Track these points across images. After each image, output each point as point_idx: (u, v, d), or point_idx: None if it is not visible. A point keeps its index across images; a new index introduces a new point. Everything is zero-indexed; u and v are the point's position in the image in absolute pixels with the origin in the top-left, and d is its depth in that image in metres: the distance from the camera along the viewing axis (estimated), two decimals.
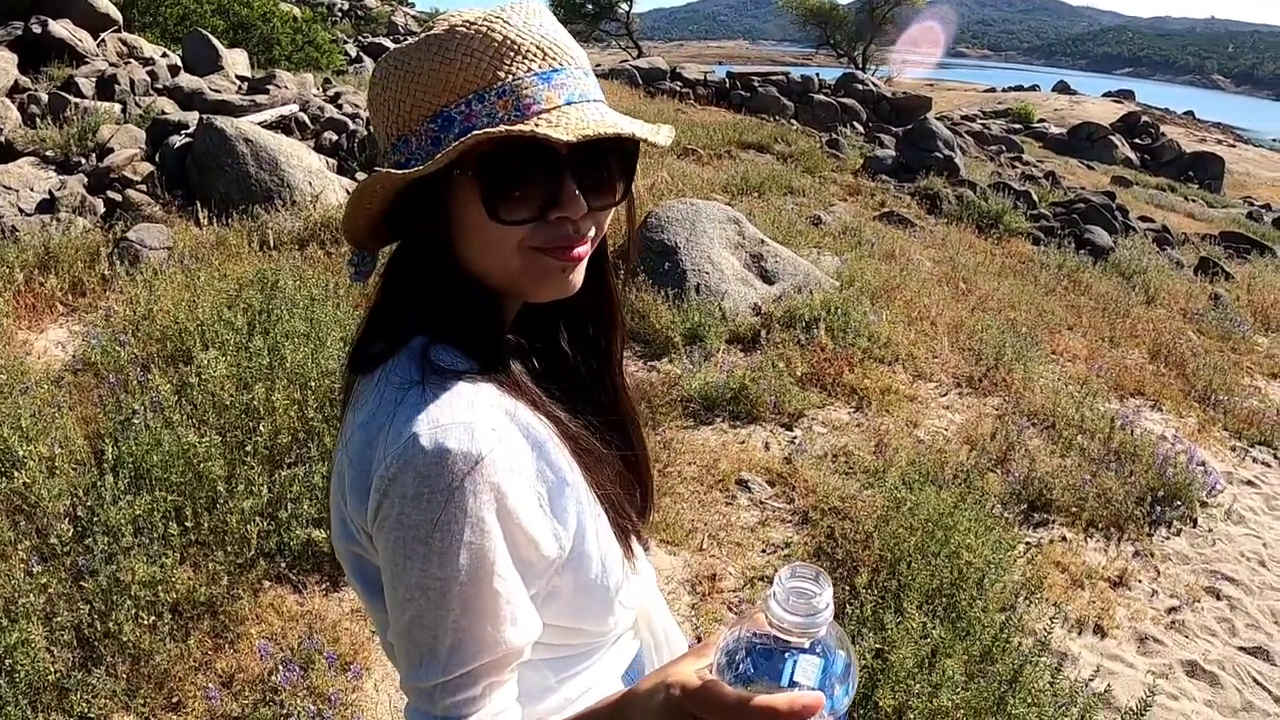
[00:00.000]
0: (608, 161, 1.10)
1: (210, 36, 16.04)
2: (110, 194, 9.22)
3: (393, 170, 1.05)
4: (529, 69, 1.04)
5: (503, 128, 0.99)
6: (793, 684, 0.77)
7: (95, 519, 4.12)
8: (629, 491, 1.28)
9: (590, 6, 56.65)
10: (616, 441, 1.28)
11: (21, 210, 8.85)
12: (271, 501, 4.31)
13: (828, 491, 5.10)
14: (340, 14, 55.87)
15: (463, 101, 1.03)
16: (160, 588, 3.83)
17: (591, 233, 1.13)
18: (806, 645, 0.78)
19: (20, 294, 7.06)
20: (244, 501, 4.21)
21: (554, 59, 1.06)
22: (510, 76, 1.03)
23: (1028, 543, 5.15)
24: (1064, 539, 5.28)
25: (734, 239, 8.11)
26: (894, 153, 17.61)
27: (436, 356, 1.07)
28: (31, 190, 9.36)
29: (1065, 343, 8.68)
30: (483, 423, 1.00)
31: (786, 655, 0.77)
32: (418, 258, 1.14)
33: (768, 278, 7.86)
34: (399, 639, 1.02)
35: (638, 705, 0.90)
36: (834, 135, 19.94)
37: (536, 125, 1.00)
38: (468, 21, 1.05)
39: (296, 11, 35.26)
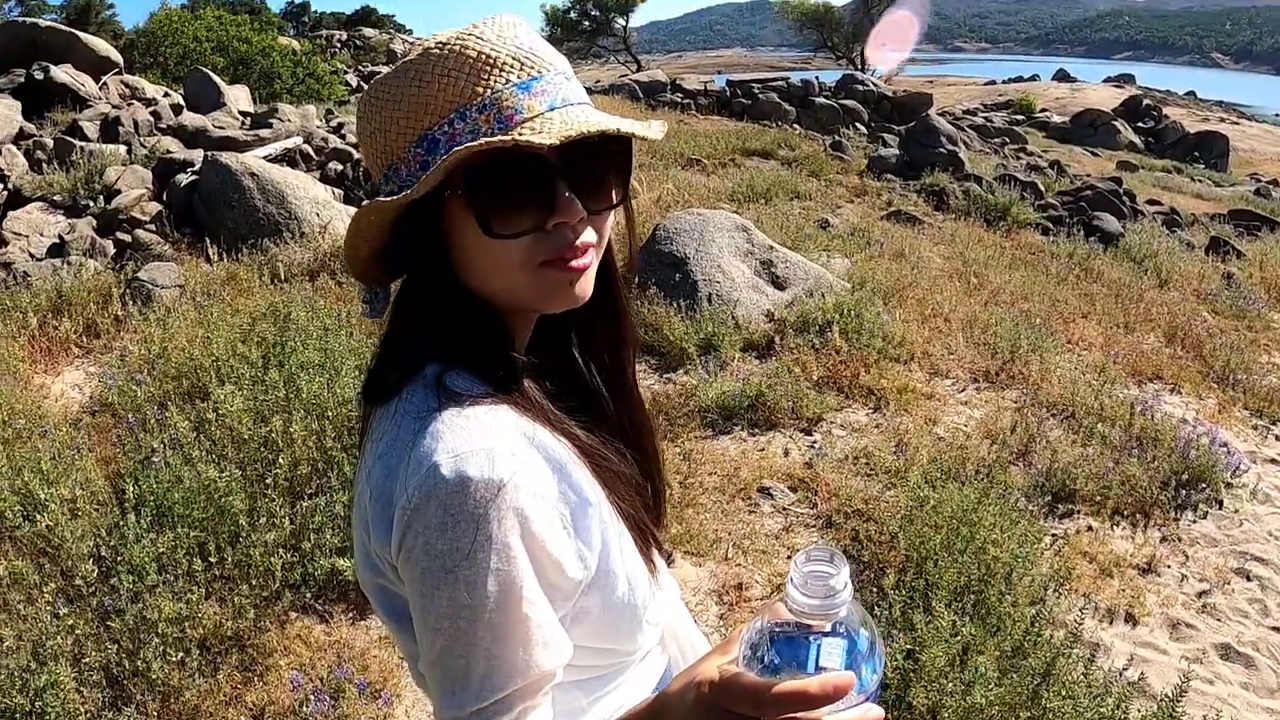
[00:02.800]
0: (600, 163, 1.09)
1: (211, 74, 16.15)
2: (120, 235, 9.27)
3: (381, 199, 1.04)
4: (507, 80, 1.03)
5: (483, 140, 0.97)
6: (819, 669, 0.77)
7: (119, 558, 4.13)
8: (647, 505, 1.27)
9: (586, 23, 56.78)
10: (633, 455, 1.26)
11: (32, 255, 8.90)
12: (294, 533, 4.31)
13: (850, 494, 5.07)
14: (339, 45, 56.24)
15: (445, 122, 1.02)
16: (187, 624, 3.84)
17: (593, 239, 1.11)
18: (828, 628, 0.78)
19: (35, 338, 7.09)
20: (266, 534, 4.22)
21: (532, 67, 1.05)
22: (489, 90, 1.02)
23: (1054, 535, 5.11)
24: (1090, 529, 5.24)
25: (743, 247, 8.10)
26: (898, 151, 17.58)
27: (451, 383, 1.06)
28: (41, 235, 9.41)
29: (1080, 331, 8.63)
30: (503, 448, 0.99)
31: (810, 640, 0.78)
32: (423, 286, 1.13)
33: (779, 283, 7.84)
34: (431, 669, 1.01)
35: (670, 707, 0.91)
36: (837, 138, 19.91)
37: (520, 134, 0.98)
38: (441, 43, 1.05)
39: (295, 45, 35.49)
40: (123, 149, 11.38)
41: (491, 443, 0.99)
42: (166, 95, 14.79)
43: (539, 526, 0.99)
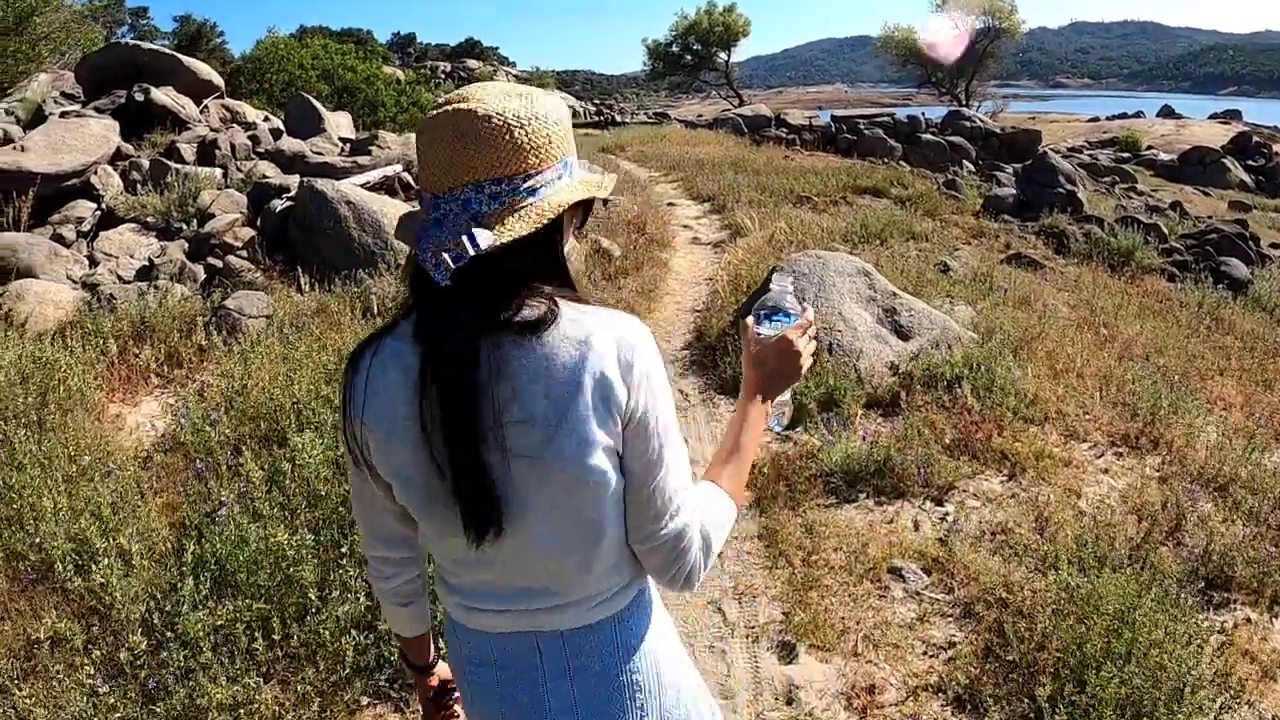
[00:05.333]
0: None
1: (313, 100, 16.05)
2: (211, 260, 9.00)
3: (590, 178, 1.53)
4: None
5: (604, 191, 1.54)
6: (787, 315, 1.80)
7: (174, 627, 3.69)
8: None
9: (689, 58, 56.94)
10: None
11: (120, 278, 8.66)
12: (370, 608, 3.80)
13: (991, 579, 4.45)
14: (444, 75, 57.01)
15: (567, 156, 1.47)
16: (242, 711, 3.37)
17: None
18: (774, 309, 1.80)
19: (114, 366, 6.78)
20: (339, 608, 3.74)
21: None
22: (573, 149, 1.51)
23: (1211, 628, 4.42)
24: (1248, 620, 4.54)
25: (865, 292, 7.51)
26: (1014, 191, 16.86)
27: (569, 302, 1.45)
28: (131, 257, 9.20)
29: (1218, 389, 7.90)
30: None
31: (766, 314, 1.80)
32: (547, 252, 1.50)
33: (903, 333, 7.24)
34: (664, 474, 1.47)
35: (759, 374, 1.78)
36: (951, 175, 19.25)
37: (600, 189, 1.53)
38: (560, 101, 1.51)
39: (400, 74, 35.92)
40: (218, 172, 11.20)
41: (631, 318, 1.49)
42: (267, 120, 14.72)
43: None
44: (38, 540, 4.36)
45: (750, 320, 1.79)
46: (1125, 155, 37.08)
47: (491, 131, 1.36)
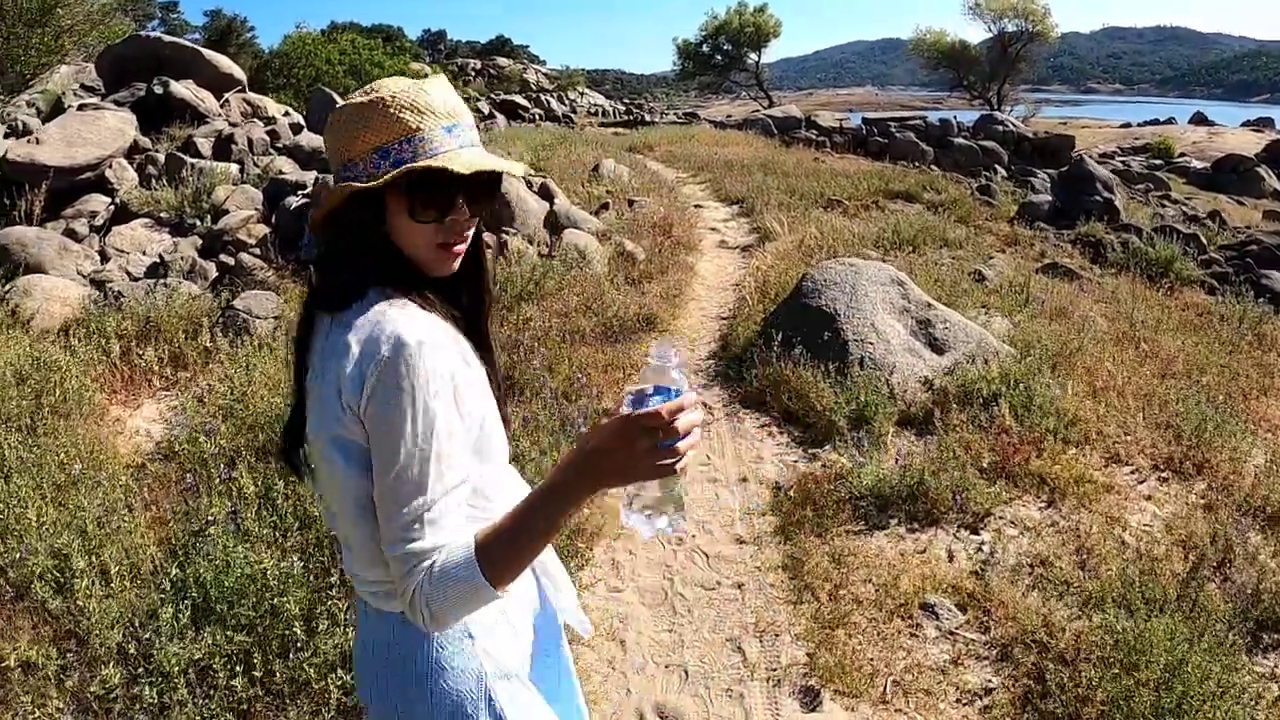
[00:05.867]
0: (483, 185, 1.64)
1: (334, 95, 15.80)
2: (223, 257, 8.78)
3: (355, 184, 1.56)
4: (438, 124, 1.58)
5: (423, 162, 1.53)
6: (669, 394, 1.45)
7: (150, 658, 3.43)
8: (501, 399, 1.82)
9: (719, 58, 56.72)
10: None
11: (130, 274, 8.46)
12: None
13: (1030, 620, 4.14)
14: (473, 73, 56.94)
15: (395, 142, 1.55)
16: None
17: (469, 232, 1.68)
18: (652, 391, 1.45)
19: (116, 367, 6.55)
20: (326, 642, 3.46)
21: (454, 118, 1.61)
22: (426, 128, 1.57)
23: (1262, 674, 4.09)
24: None
25: (898, 303, 7.19)
26: (1049, 197, 16.46)
27: (391, 294, 1.57)
28: (143, 253, 9.00)
29: (1262, 409, 7.52)
30: (427, 329, 1.51)
31: (647, 399, 1.44)
32: (362, 239, 1.60)
33: (937, 346, 6.91)
34: (387, 485, 1.47)
35: (579, 453, 1.46)
36: (984, 181, 18.88)
37: (446, 162, 1.53)
38: (397, 91, 1.58)
39: (429, 71, 35.74)
40: (235, 168, 10.98)
41: (420, 325, 1.51)
42: (287, 114, 14.52)
43: (459, 379, 1.54)
44: (18, 556, 4.13)
45: (625, 406, 1.48)
46: (1158, 162, 36.36)
47: (331, 122, 1.64)
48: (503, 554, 1.46)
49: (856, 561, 4.60)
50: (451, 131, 1.59)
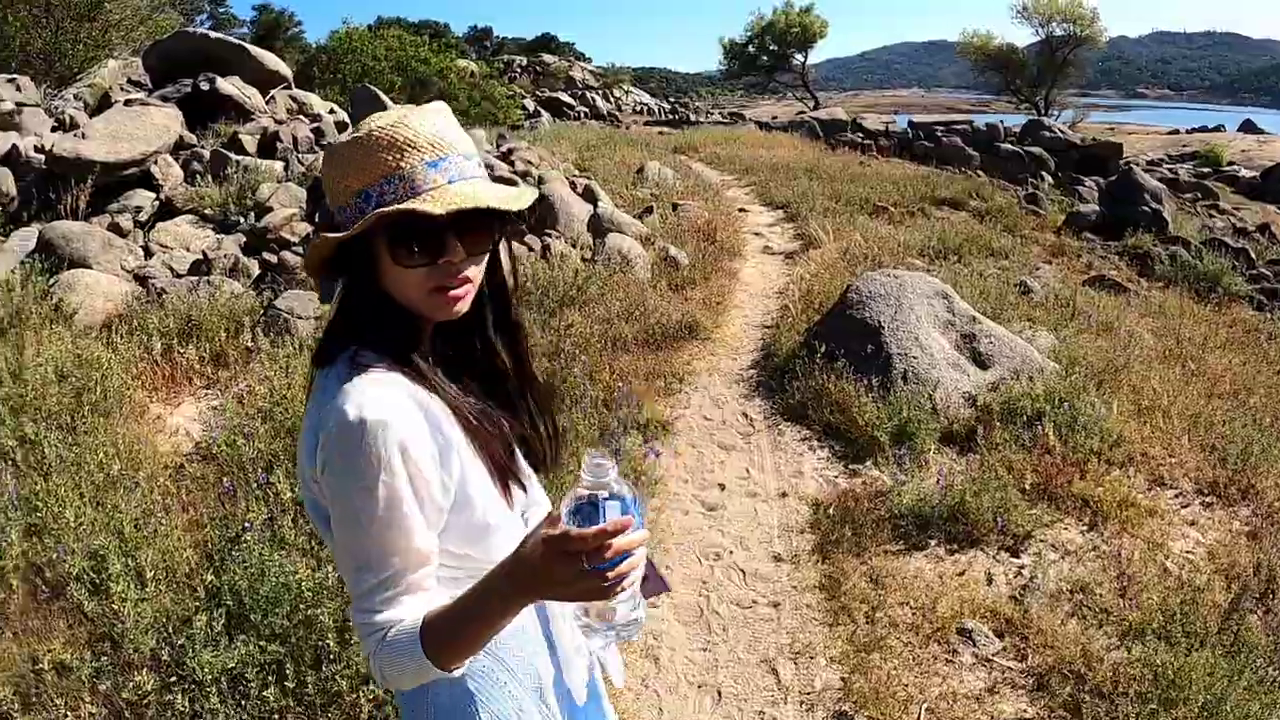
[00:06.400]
0: (479, 222, 1.53)
1: (378, 92, 15.88)
2: (266, 255, 8.80)
3: (328, 235, 1.50)
4: (421, 159, 1.49)
5: (395, 206, 1.45)
6: (607, 518, 1.29)
7: (183, 665, 3.43)
8: (510, 452, 1.70)
9: (765, 58, 56.62)
10: (502, 418, 1.70)
11: (173, 270, 8.49)
12: None
13: (1068, 649, 4.06)
14: (519, 70, 57.08)
15: (377, 184, 1.48)
16: None
17: (474, 274, 1.58)
18: (607, 495, 1.31)
19: (158, 365, 6.57)
20: (358, 654, 3.45)
21: (439, 150, 1.51)
22: (408, 165, 1.48)
23: None
24: None
25: (943, 317, 7.11)
26: (1097, 207, 16.25)
27: (362, 358, 1.51)
28: (187, 250, 9.04)
29: None
30: (389, 400, 1.44)
31: (596, 505, 1.30)
32: (354, 290, 1.58)
33: (981, 361, 6.82)
34: (342, 555, 1.47)
35: (521, 559, 1.35)
36: (1031, 189, 18.68)
37: (424, 202, 1.45)
38: (380, 127, 1.50)
39: (474, 67, 35.87)
40: (279, 165, 11.03)
41: (381, 397, 1.44)
42: (332, 112, 14.59)
43: (415, 455, 1.44)
44: (55, 556, 4.15)
45: (564, 512, 1.34)
46: (1205, 170, 35.82)
47: (322, 163, 1.69)
48: (444, 641, 1.41)
49: (894, 583, 4.54)
50: (438, 166, 1.50)
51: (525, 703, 1.68)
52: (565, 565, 1.29)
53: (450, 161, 1.51)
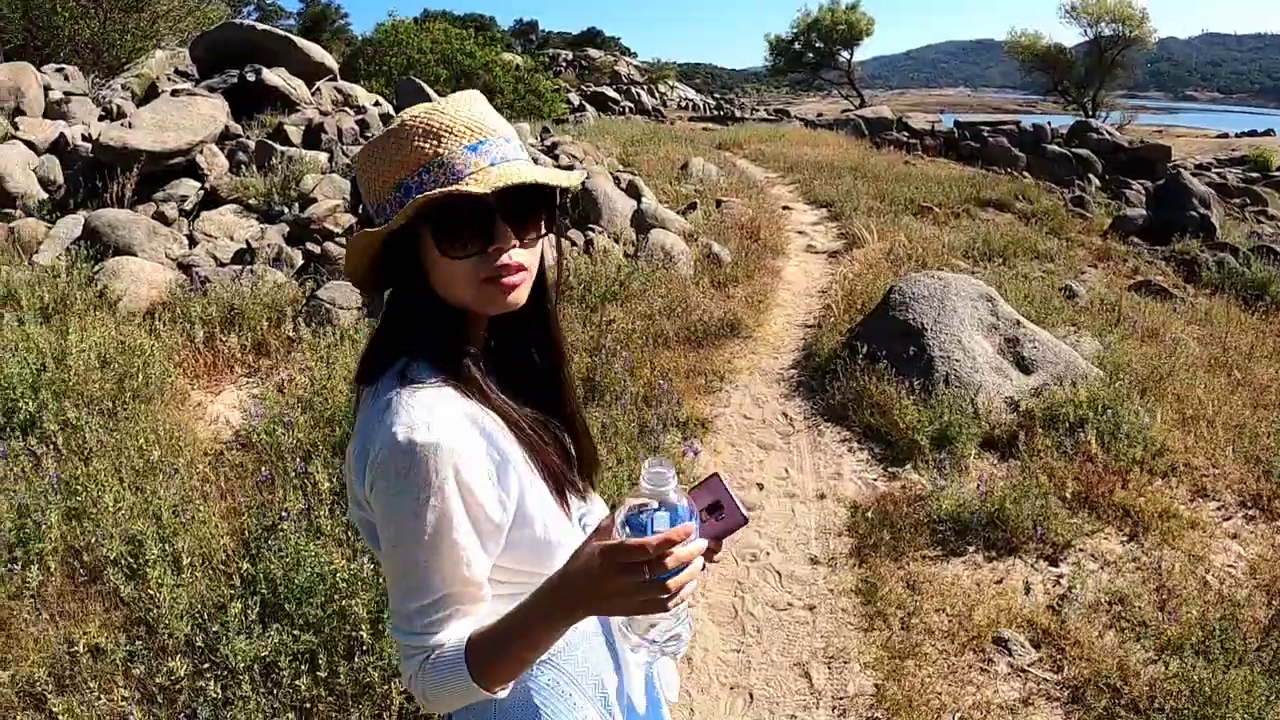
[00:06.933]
0: (529, 204, 1.45)
1: (423, 84, 15.95)
2: (309, 246, 8.84)
3: (368, 230, 1.44)
4: (459, 144, 1.41)
5: (437, 190, 1.37)
6: (655, 532, 1.23)
7: (217, 651, 3.45)
8: (569, 464, 1.64)
9: (811, 55, 56.41)
10: (556, 426, 1.64)
11: (216, 259, 8.55)
12: None
13: (1105, 662, 4.00)
14: (564, 64, 57.18)
15: (415, 174, 1.41)
16: None
17: (526, 260, 1.47)
18: (657, 505, 1.25)
19: (200, 352, 6.62)
20: (391, 646, 3.45)
21: (479, 134, 1.43)
22: (446, 152, 1.40)
23: None
24: None
25: (986, 319, 7.03)
26: (1144, 212, 16.05)
27: (412, 373, 1.44)
28: (230, 239, 9.10)
29: None
30: (440, 419, 1.36)
31: (645, 514, 1.24)
32: (402, 295, 1.51)
33: (1024, 366, 6.74)
34: (391, 575, 1.41)
35: (572, 571, 1.28)
36: (1078, 192, 18.49)
37: (465, 185, 1.36)
38: (414, 115, 1.44)
39: (520, 61, 35.95)
40: (323, 156, 11.07)
41: (433, 416, 1.36)
42: (377, 104, 14.64)
43: (467, 476, 1.37)
44: (93, 540, 4.19)
45: (618, 523, 1.28)
46: (1254, 175, 35.33)
47: (358, 162, 1.53)
48: (489, 661, 1.36)
49: (931, 589, 4.49)
50: (477, 150, 1.41)
51: (590, 714, 1.61)
52: (626, 576, 1.22)
53: (491, 144, 1.43)
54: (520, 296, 1.49)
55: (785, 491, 5.63)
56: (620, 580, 1.22)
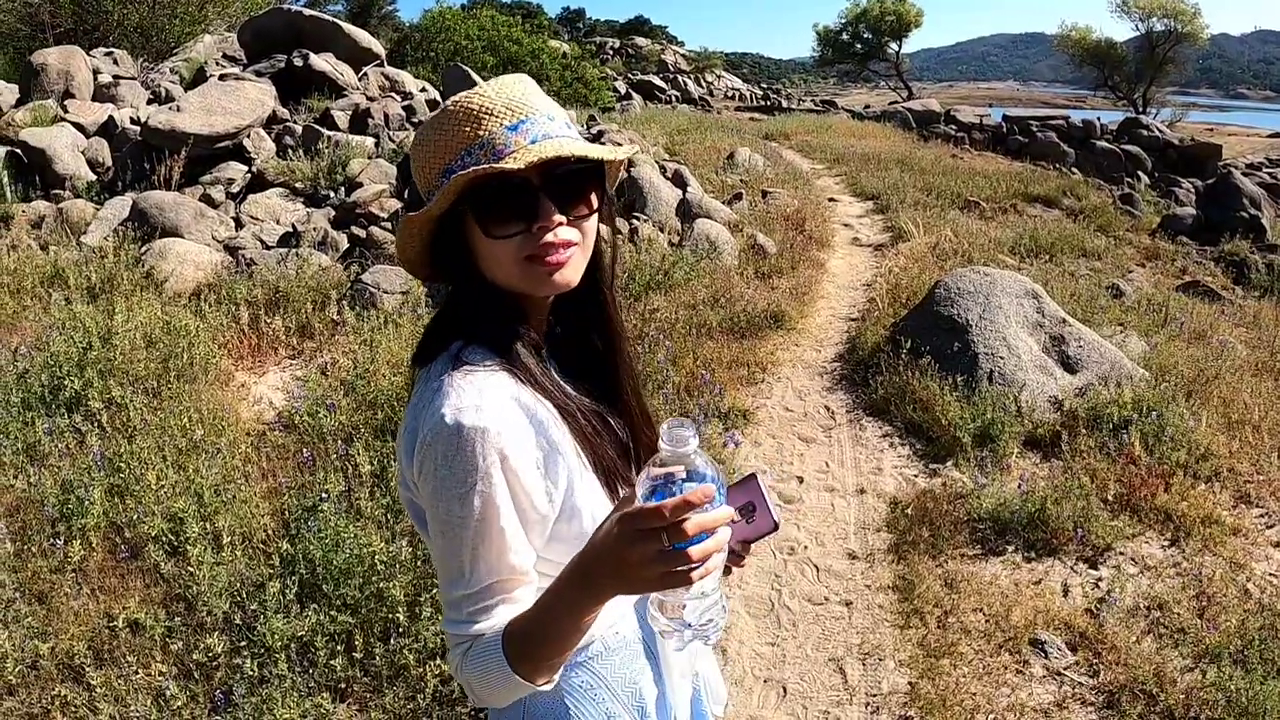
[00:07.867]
0: (575, 180, 1.40)
1: (469, 70, 15.93)
2: (354, 229, 8.90)
3: (412, 214, 1.42)
4: (500, 124, 1.36)
5: (472, 169, 1.32)
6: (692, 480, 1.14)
7: (254, 630, 3.48)
8: (624, 455, 1.58)
9: (859, 46, 56.08)
10: (614, 415, 1.60)
11: (263, 242, 8.62)
12: None
13: (1141, 668, 3.94)
14: (611, 52, 57.14)
15: (458, 157, 1.38)
16: None
17: (575, 237, 1.42)
18: (684, 475, 1.14)
19: (244, 334, 6.68)
20: (427, 629, 3.46)
21: (519, 113, 1.38)
22: (486, 133, 1.36)
23: None
24: None
25: (1032, 317, 6.95)
26: (1194, 211, 15.83)
27: (465, 355, 1.40)
28: (277, 222, 9.17)
29: None
30: (489, 405, 1.32)
31: (674, 485, 1.14)
32: (456, 281, 1.49)
33: (1069, 365, 6.66)
34: (437, 562, 1.38)
35: (597, 542, 1.19)
36: (1127, 189, 18.25)
37: (504, 163, 1.31)
38: (456, 100, 1.41)
39: (566, 49, 35.97)
40: (370, 141, 11.14)
41: (482, 399, 1.32)
42: (424, 90, 14.70)
43: (515, 464, 1.33)
44: (134, 517, 4.24)
45: (639, 493, 1.17)
46: None
47: (411, 149, 1.56)
48: (523, 648, 1.30)
49: (969, 588, 4.44)
50: (518, 129, 1.36)
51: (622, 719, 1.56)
52: (644, 544, 1.12)
53: (532, 122, 1.37)
54: (570, 276, 1.43)
55: (825, 485, 5.60)
56: (640, 548, 1.12)
